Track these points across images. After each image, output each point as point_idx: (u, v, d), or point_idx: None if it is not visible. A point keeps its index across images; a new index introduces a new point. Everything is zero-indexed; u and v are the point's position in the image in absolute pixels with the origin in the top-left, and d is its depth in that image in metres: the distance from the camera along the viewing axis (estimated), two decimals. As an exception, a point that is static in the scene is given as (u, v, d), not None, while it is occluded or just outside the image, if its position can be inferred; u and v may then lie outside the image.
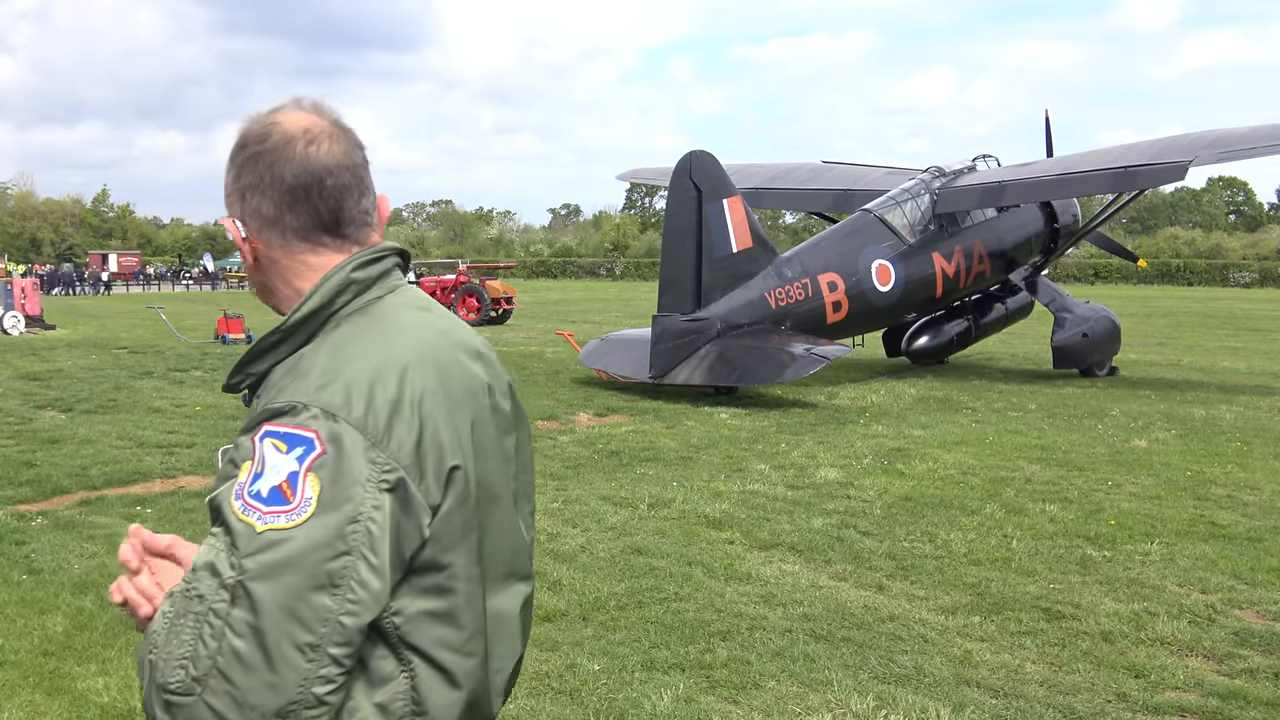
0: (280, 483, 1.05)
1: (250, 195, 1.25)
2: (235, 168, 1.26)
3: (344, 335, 1.20)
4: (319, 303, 1.21)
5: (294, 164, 1.23)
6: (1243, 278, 62.62)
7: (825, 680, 3.82)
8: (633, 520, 6.09)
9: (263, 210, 1.25)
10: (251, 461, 1.07)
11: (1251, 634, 4.33)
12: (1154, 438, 9.09)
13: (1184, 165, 11.91)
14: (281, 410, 1.10)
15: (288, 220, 1.24)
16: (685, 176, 11.48)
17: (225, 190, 1.27)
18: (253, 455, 1.07)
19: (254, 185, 1.24)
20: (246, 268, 1.31)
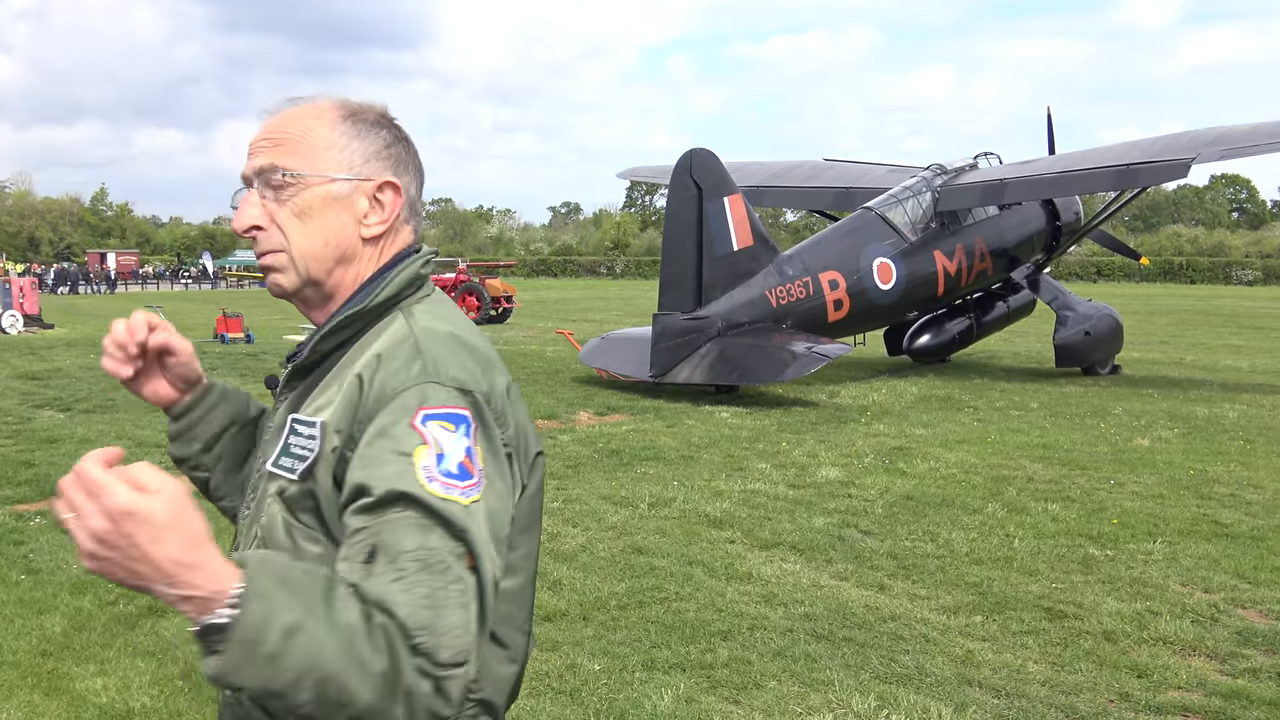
0: (462, 459, 1.08)
1: (404, 170, 1.27)
2: (383, 140, 1.26)
3: (432, 323, 1.21)
4: (393, 291, 1.23)
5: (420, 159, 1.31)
6: (1245, 276, 62.53)
7: (826, 680, 3.80)
8: (633, 519, 6.07)
9: (411, 189, 1.28)
10: (426, 445, 1.06)
11: (1254, 633, 4.31)
12: (1157, 436, 9.07)
13: (1186, 163, 11.87)
14: (429, 394, 1.10)
15: (419, 209, 1.30)
16: (686, 174, 11.45)
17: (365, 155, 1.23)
18: (425, 439, 1.07)
19: (407, 163, 1.28)
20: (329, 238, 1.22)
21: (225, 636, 0.91)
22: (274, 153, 1.21)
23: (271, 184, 1.21)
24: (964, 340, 14.85)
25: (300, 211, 1.21)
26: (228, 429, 1.43)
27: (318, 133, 1.22)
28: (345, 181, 1.22)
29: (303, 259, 1.22)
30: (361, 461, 1.07)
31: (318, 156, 1.21)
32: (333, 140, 1.22)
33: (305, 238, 1.22)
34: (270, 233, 1.22)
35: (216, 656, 0.92)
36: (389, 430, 1.07)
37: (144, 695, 3.62)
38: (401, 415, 1.08)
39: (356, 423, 1.11)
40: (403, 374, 1.11)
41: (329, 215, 1.22)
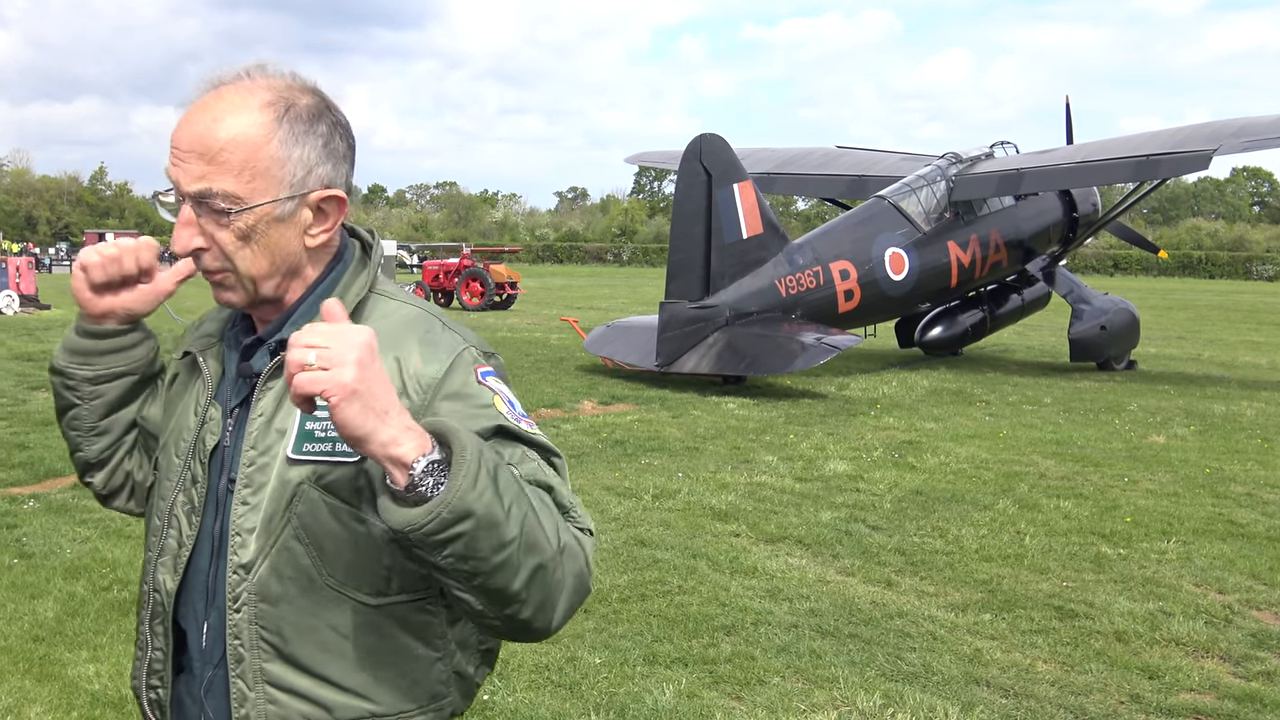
0: (520, 404, 1.21)
1: (343, 165, 1.21)
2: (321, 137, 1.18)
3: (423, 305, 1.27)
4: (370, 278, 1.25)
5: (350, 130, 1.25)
6: (1266, 270, 61.87)
7: (831, 677, 3.76)
8: (637, 511, 6.02)
9: (349, 182, 1.23)
10: (498, 395, 1.18)
11: (1269, 635, 4.25)
12: (1172, 433, 8.96)
13: (1207, 154, 11.69)
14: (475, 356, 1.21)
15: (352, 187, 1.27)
16: (695, 160, 11.33)
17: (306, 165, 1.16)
18: (495, 391, 1.18)
19: (344, 155, 1.22)
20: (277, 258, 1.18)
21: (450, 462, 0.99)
22: (209, 173, 1.13)
23: (212, 209, 1.15)
24: (977, 333, 14.71)
25: (244, 235, 1.16)
26: (128, 374, 1.38)
27: (256, 143, 1.14)
28: (286, 202, 1.16)
29: (250, 280, 1.19)
30: (454, 419, 1.10)
31: (258, 177, 1.14)
32: (272, 155, 1.14)
33: (251, 261, 1.17)
34: (213, 253, 1.18)
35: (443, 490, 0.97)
36: (464, 390, 1.16)
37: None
38: (466, 376, 1.17)
39: (414, 392, 1.15)
40: (445, 342, 1.19)
41: (274, 235, 1.17)
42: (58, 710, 3.41)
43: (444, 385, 1.15)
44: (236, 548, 1.17)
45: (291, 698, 1.18)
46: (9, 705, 3.43)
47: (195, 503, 1.23)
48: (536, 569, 1.04)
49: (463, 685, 1.27)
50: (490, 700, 3.48)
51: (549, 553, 1.05)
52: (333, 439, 1.15)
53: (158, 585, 1.25)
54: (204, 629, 1.21)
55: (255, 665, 1.18)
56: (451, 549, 0.99)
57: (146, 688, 1.28)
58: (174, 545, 1.24)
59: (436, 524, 0.97)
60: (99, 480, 1.43)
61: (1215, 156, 11.66)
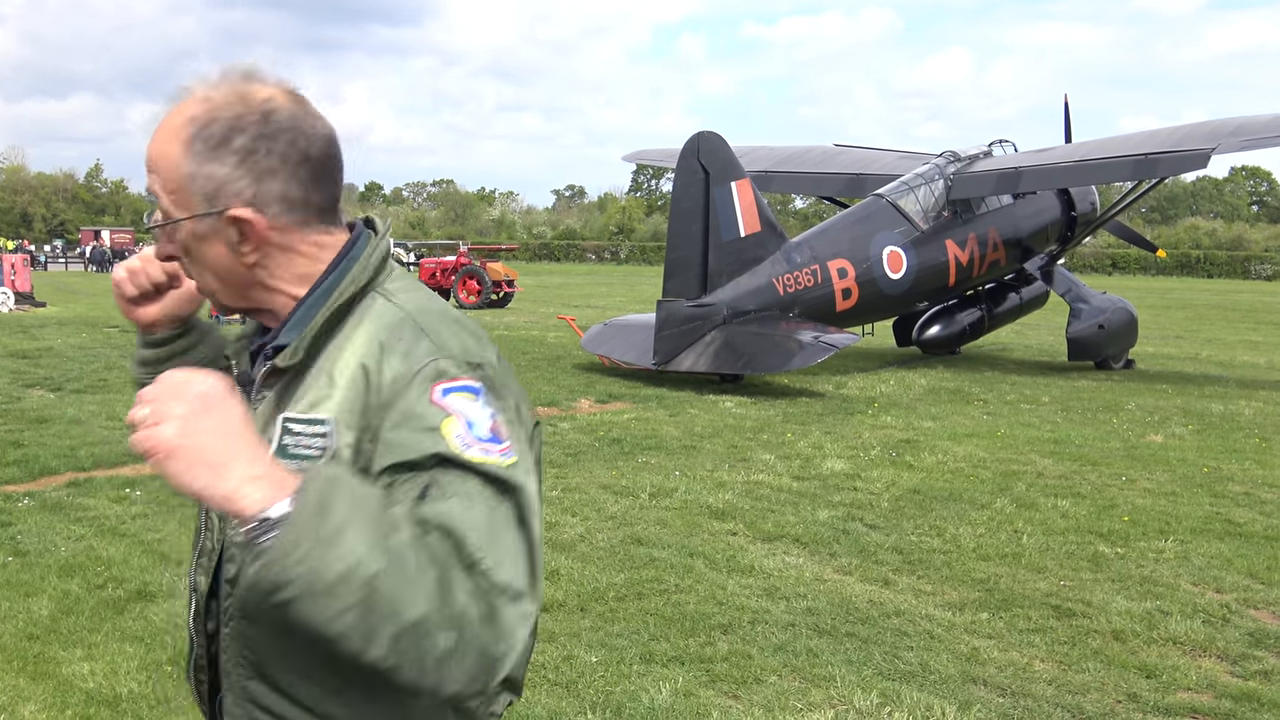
0: (490, 425, 1.07)
1: (269, 179, 1.13)
2: (246, 154, 1.12)
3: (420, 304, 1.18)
4: (369, 276, 1.18)
5: (316, 137, 1.16)
6: (1265, 270, 61.95)
7: (828, 676, 3.75)
8: (634, 510, 6.00)
9: (289, 193, 1.14)
10: (452, 416, 1.05)
11: (1267, 635, 4.25)
12: (1170, 433, 8.95)
13: (1206, 153, 11.68)
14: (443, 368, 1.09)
15: (314, 199, 1.17)
16: (693, 158, 11.31)
17: (216, 182, 1.12)
18: (450, 411, 1.06)
19: (278, 169, 1.13)
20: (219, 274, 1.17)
21: (282, 521, 0.91)
22: (152, 184, 1.16)
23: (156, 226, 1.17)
24: (975, 332, 14.71)
25: (184, 249, 1.17)
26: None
27: (175, 161, 1.13)
28: (205, 217, 1.13)
29: (212, 292, 1.19)
30: (390, 447, 1.05)
31: (179, 191, 1.13)
32: (187, 170, 1.13)
33: (198, 274, 1.19)
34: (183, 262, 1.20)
35: (267, 551, 0.91)
36: (413, 410, 1.06)
37: (131, 680, 3.59)
38: (422, 393, 1.07)
39: (371, 412, 1.08)
40: (413, 354, 1.10)
41: (207, 252, 1.16)
42: (52, 709, 3.39)
43: (396, 402, 1.07)
44: (227, 560, 1.17)
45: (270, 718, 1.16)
46: (3, 704, 3.42)
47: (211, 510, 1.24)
48: (398, 636, 0.92)
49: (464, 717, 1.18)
50: (486, 699, 3.46)
51: (411, 618, 0.92)
52: (300, 457, 1.11)
53: (195, 585, 1.26)
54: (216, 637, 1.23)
55: (239, 682, 1.17)
56: (286, 611, 0.93)
57: (195, 681, 1.29)
58: (209, 547, 1.24)
59: (262, 590, 0.93)
60: None
61: (1213, 155, 11.65)
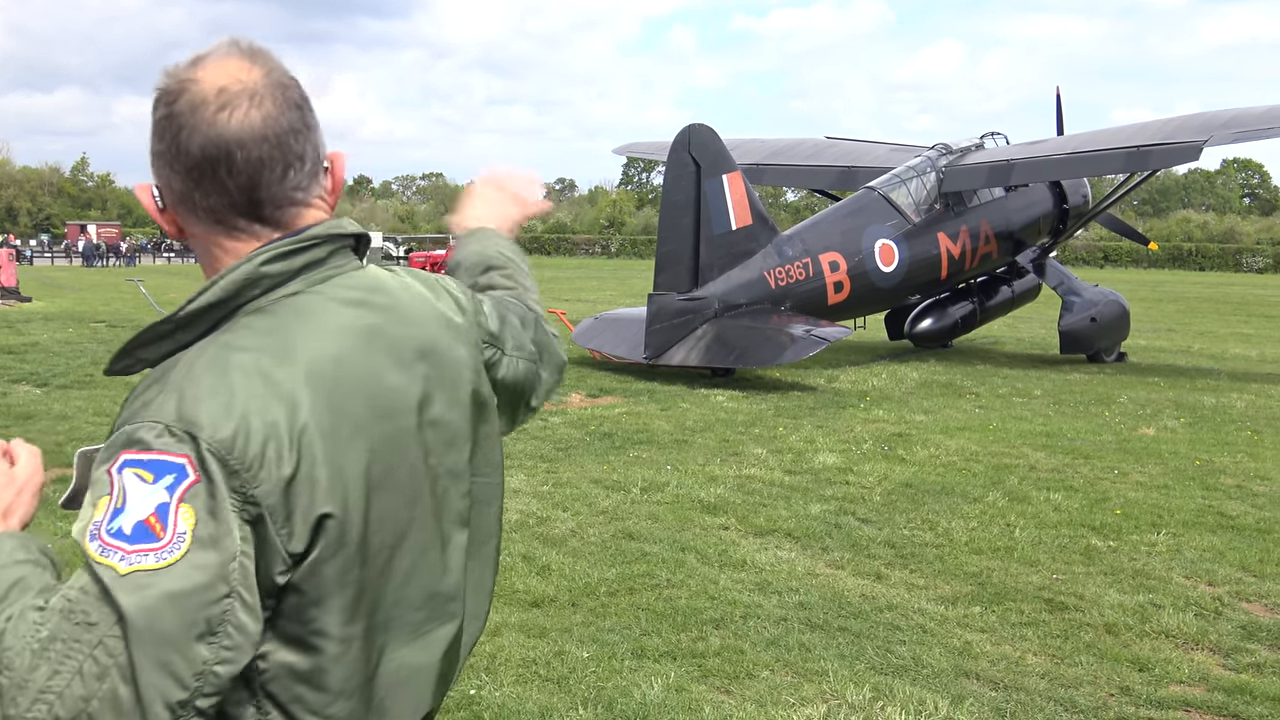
0: (147, 517, 0.91)
1: (161, 164, 1.10)
2: (152, 128, 1.10)
3: (233, 340, 1.04)
4: (217, 296, 1.05)
5: (200, 133, 1.06)
6: (1256, 263, 62.20)
7: (820, 670, 3.74)
8: (625, 504, 5.98)
9: (173, 184, 1.10)
10: (109, 496, 0.92)
11: (1259, 628, 4.25)
12: (1162, 426, 8.97)
13: (1198, 145, 11.69)
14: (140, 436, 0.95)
15: (197, 199, 1.09)
16: (684, 151, 11.27)
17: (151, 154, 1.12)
18: (110, 489, 0.92)
19: (164, 153, 1.09)
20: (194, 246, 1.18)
21: None
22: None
23: None
24: (967, 325, 14.71)
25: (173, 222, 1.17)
26: None
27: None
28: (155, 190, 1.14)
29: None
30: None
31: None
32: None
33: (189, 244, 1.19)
34: None
35: None
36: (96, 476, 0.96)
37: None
38: (108, 457, 0.96)
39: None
40: (131, 406, 1.00)
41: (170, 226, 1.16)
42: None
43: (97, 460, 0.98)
44: None
45: None
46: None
47: None
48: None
49: None
50: (477, 695, 3.44)
51: None
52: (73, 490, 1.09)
53: None
54: None
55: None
56: None
57: None
58: None
59: None
60: None
61: (1206, 148, 11.66)
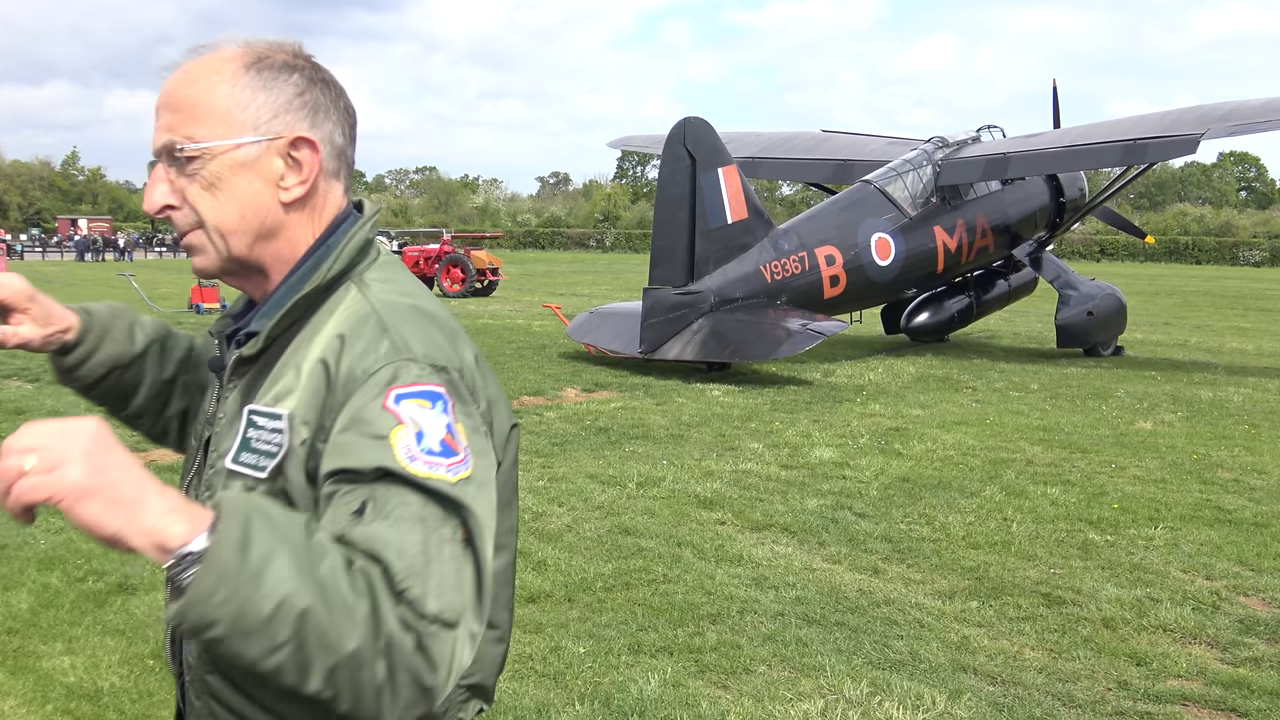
0: (443, 436, 1.02)
1: (322, 118, 1.14)
2: (294, 86, 1.12)
3: (389, 298, 1.12)
4: (345, 264, 1.14)
5: (346, 97, 1.18)
6: (1253, 256, 62.30)
7: (818, 665, 3.73)
8: (621, 499, 5.96)
9: (335, 138, 1.15)
10: (402, 425, 1.00)
11: (1256, 622, 4.25)
12: (1159, 420, 8.97)
13: (1195, 139, 11.68)
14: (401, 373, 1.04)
15: (349, 154, 1.19)
16: (679, 144, 11.22)
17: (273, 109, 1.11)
18: (401, 420, 1.01)
19: (327, 108, 1.15)
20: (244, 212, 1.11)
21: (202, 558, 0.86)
22: (174, 122, 1.11)
23: (177, 157, 1.11)
24: (963, 319, 14.71)
25: (209, 184, 1.11)
26: (110, 374, 1.33)
27: (217, 91, 1.10)
28: (253, 144, 1.11)
29: (219, 235, 1.12)
30: (336, 449, 1.01)
31: (220, 120, 1.10)
32: (235, 98, 1.10)
33: (218, 213, 1.12)
34: (184, 211, 1.12)
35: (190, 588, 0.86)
36: (362, 414, 1.02)
37: (113, 675, 3.53)
38: (374, 397, 1.02)
39: (327, 411, 1.05)
40: (371, 354, 1.05)
41: (240, 184, 1.11)
42: (32, 703, 3.34)
43: (348, 406, 1.03)
44: None
45: (229, 714, 1.12)
46: (-20, 700, 3.36)
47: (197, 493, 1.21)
48: (333, 670, 0.89)
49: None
50: (473, 692, 3.42)
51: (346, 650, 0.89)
52: (258, 450, 1.08)
53: None
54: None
55: (199, 676, 1.14)
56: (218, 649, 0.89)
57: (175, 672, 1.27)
58: None
59: (187, 628, 0.87)
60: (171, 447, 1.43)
61: (1203, 141, 11.64)
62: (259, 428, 1.08)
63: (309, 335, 1.11)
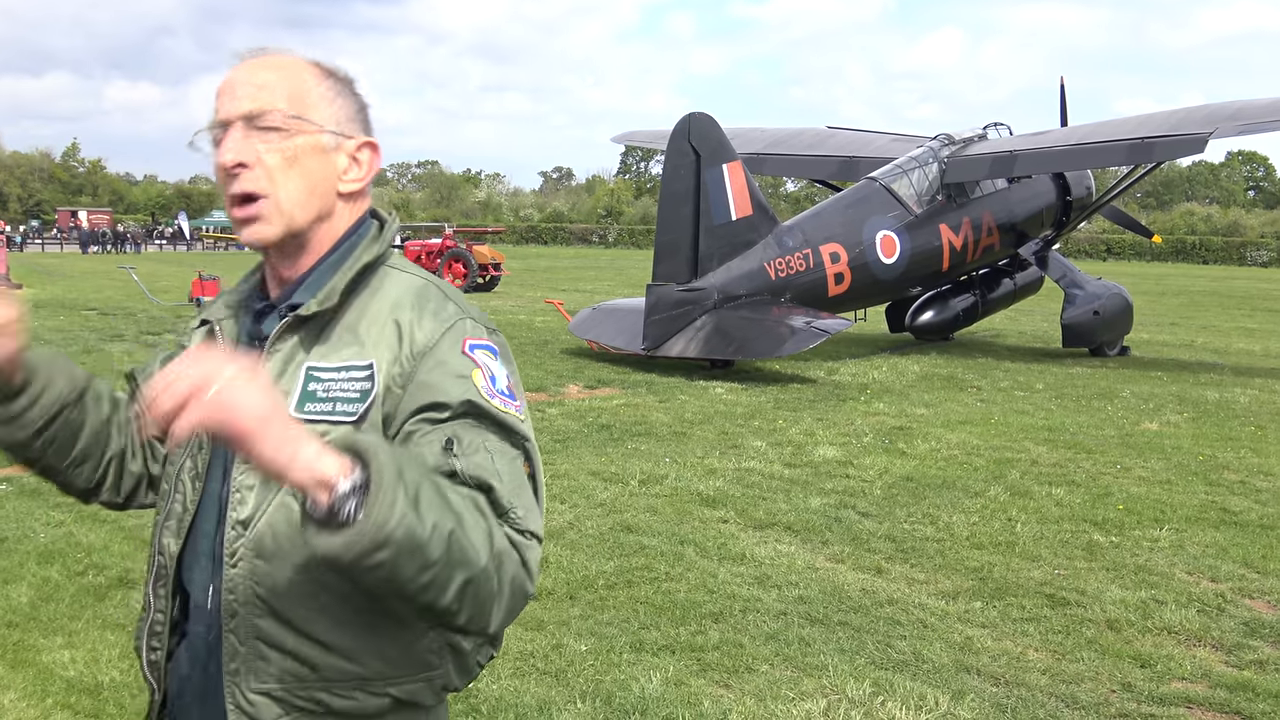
0: (508, 384, 1.21)
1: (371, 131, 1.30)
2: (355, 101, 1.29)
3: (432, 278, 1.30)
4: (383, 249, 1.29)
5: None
6: (1261, 256, 62.00)
7: (820, 665, 3.71)
8: (623, 497, 5.95)
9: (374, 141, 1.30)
10: (479, 368, 1.19)
11: (1262, 624, 4.23)
12: (1165, 420, 8.93)
13: (1203, 138, 11.61)
14: (470, 329, 1.23)
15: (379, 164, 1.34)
16: (683, 140, 11.18)
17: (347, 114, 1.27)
18: (477, 364, 1.19)
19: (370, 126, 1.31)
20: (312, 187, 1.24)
21: (365, 488, 0.94)
22: (262, 96, 1.21)
23: (261, 126, 1.20)
24: (968, 318, 14.67)
25: (289, 157, 1.21)
26: (60, 414, 1.33)
27: (307, 83, 1.25)
28: (332, 135, 1.25)
29: (289, 206, 1.22)
30: (423, 388, 1.16)
31: (309, 107, 1.23)
32: (321, 94, 1.25)
33: (291, 185, 1.22)
34: (255, 173, 1.20)
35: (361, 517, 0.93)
36: (445, 359, 1.18)
37: (113, 669, 3.53)
38: (453, 345, 1.20)
39: (405, 359, 1.19)
40: (441, 313, 1.22)
41: (315, 165, 1.24)
42: (32, 697, 3.33)
43: (431, 352, 1.18)
44: (236, 504, 1.20)
45: (280, 655, 1.18)
46: (-20, 693, 3.35)
47: (199, 468, 1.26)
48: (466, 583, 1.02)
49: (458, 660, 1.25)
50: (474, 688, 3.41)
51: (479, 565, 1.02)
52: (334, 399, 1.19)
53: (162, 549, 1.28)
54: (209, 592, 1.23)
55: (248, 621, 1.19)
56: (374, 575, 0.97)
57: (147, 649, 1.30)
58: (179, 509, 1.27)
59: (355, 554, 0.94)
60: (106, 497, 1.43)
61: (1211, 140, 11.57)
62: (322, 380, 1.19)
63: (359, 306, 1.24)
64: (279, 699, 1.19)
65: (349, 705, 1.19)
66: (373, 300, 1.24)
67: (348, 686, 1.19)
